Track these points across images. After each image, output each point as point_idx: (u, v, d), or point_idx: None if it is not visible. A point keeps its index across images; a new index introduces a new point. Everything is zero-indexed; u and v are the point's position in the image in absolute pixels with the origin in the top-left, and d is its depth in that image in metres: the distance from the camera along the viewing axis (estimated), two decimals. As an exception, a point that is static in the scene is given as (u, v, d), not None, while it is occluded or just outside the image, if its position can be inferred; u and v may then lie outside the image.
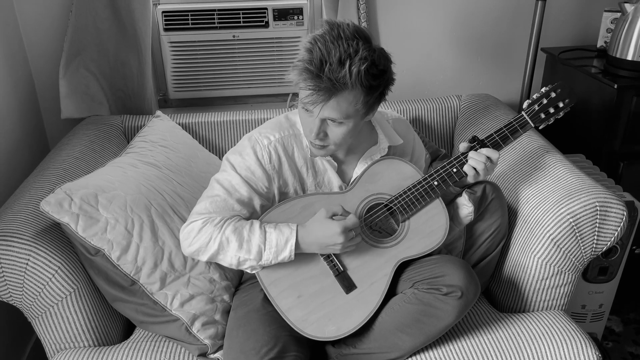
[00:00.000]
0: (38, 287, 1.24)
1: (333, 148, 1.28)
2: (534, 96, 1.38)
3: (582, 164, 1.87)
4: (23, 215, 1.28)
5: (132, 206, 1.33)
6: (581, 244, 1.34)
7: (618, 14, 1.97)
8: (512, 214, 1.47)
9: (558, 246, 1.34)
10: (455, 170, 1.33)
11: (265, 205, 1.33)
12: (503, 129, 1.36)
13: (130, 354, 1.29)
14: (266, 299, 1.31)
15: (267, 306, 1.29)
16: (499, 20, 2.15)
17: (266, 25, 2.00)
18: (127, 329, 1.45)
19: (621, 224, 1.33)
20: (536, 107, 1.36)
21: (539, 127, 1.38)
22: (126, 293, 1.31)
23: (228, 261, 1.26)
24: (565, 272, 1.38)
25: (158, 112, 1.83)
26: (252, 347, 1.18)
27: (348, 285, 1.28)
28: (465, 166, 1.32)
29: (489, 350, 1.27)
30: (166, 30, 1.97)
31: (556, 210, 1.34)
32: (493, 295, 1.53)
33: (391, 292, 1.29)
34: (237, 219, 1.27)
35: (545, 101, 1.36)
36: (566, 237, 1.33)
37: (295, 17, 2.00)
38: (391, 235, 1.33)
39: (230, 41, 2.02)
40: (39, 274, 1.23)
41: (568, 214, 1.32)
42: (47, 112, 2.03)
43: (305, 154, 1.35)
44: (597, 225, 1.33)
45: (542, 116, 1.36)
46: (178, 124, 1.84)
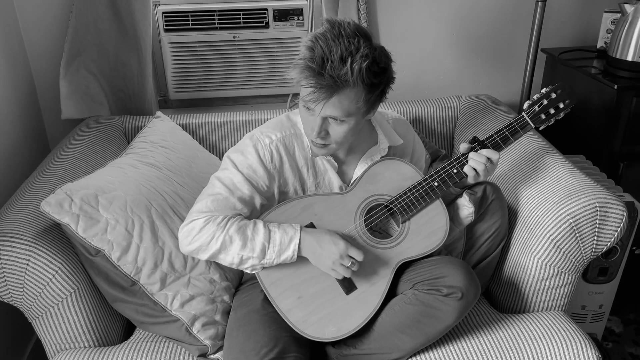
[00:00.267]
0: (38, 288, 1.24)
1: (334, 147, 1.28)
2: (534, 97, 1.38)
3: (582, 165, 1.87)
4: (23, 215, 1.28)
5: (133, 207, 1.33)
6: (581, 245, 1.34)
7: (618, 15, 1.97)
8: (512, 215, 1.47)
9: (558, 247, 1.34)
10: (455, 171, 1.33)
11: (265, 204, 1.33)
12: (503, 130, 1.36)
13: (130, 355, 1.29)
14: (266, 300, 1.31)
15: (268, 307, 1.29)
16: (499, 20, 2.15)
17: (266, 25, 2.00)
18: (128, 330, 1.45)
19: (621, 225, 1.33)
20: (536, 108, 1.36)
21: (540, 128, 1.38)
22: (126, 293, 1.31)
23: (229, 260, 1.26)
24: (565, 273, 1.38)
25: (158, 113, 1.83)
26: (252, 348, 1.18)
27: (348, 286, 1.28)
28: (465, 167, 1.32)
29: (489, 350, 1.27)
30: (166, 30, 1.97)
31: (556, 210, 1.34)
32: (493, 295, 1.53)
33: (391, 293, 1.29)
34: (240, 218, 1.27)
35: (545, 102, 1.36)
36: (566, 238, 1.33)
37: (295, 18, 2.00)
38: (391, 236, 1.33)
39: (230, 42, 2.02)
40: (40, 275, 1.23)
41: (568, 215, 1.32)
42: (47, 113, 2.02)
43: (306, 154, 1.35)
44: (597, 225, 1.33)
45: (543, 117, 1.36)
46: (178, 125, 1.83)
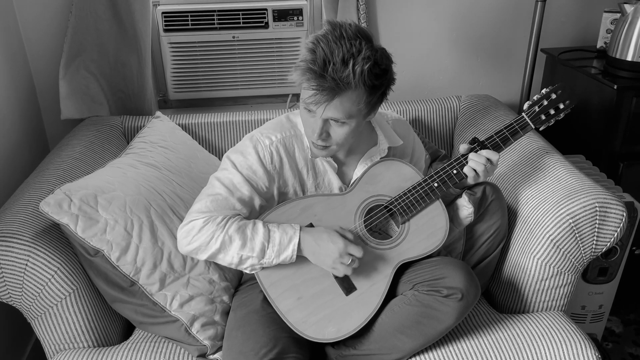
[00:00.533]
0: (37, 288, 1.24)
1: (335, 148, 1.28)
2: (535, 97, 1.37)
3: (582, 165, 1.87)
4: (22, 216, 1.28)
5: (132, 207, 1.33)
6: (581, 245, 1.34)
7: (618, 15, 1.97)
8: (512, 215, 1.47)
9: (557, 247, 1.34)
10: (455, 172, 1.33)
11: (264, 205, 1.33)
12: (503, 131, 1.35)
13: (129, 355, 1.29)
14: (266, 300, 1.30)
15: (267, 307, 1.29)
16: (499, 20, 2.15)
17: (266, 26, 2.00)
18: (127, 330, 1.45)
19: (621, 225, 1.33)
20: (537, 109, 1.36)
21: (540, 129, 1.38)
22: (125, 294, 1.31)
23: (228, 260, 1.26)
24: (564, 273, 1.38)
25: (158, 113, 1.83)
26: (251, 348, 1.18)
27: (348, 287, 1.27)
28: (465, 167, 1.32)
29: (489, 351, 1.27)
30: (166, 31, 1.97)
31: (556, 211, 1.34)
32: (493, 296, 1.52)
33: (391, 294, 1.29)
34: (239, 218, 1.27)
35: (545, 102, 1.36)
36: (566, 238, 1.33)
37: (295, 18, 2.00)
38: (391, 237, 1.33)
39: (230, 42, 2.01)
40: (39, 275, 1.23)
41: (567, 215, 1.32)
42: (47, 113, 2.02)
43: (305, 155, 1.35)
44: (597, 226, 1.33)
45: (543, 117, 1.36)
46: (178, 125, 1.83)
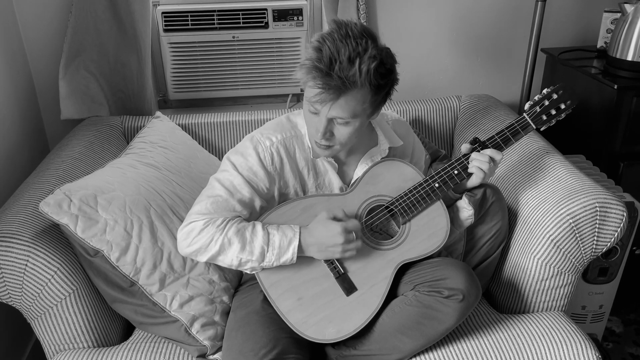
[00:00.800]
0: (37, 288, 1.24)
1: (338, 148, 1.27)
2: (536, 97, 1.37)
3: (582, 165, 1.87)
4: (22, 216, 1.28)
5: (132, 207, 1.33)
6: (581, 245, 1.34)
7: (618, 15, 1.97)
8: (512, 215, 1.46)
9: (558, 247, 1.34)
10: (456, 172, 1.32)
11: (264, 206, 1.33)
12: (504, 131, 1.35)
13: (129, 355, 1.28)
14: (266, 301, 1.30)
15: (267, 308, 1.29)
16: (499, 20, 2.15)
17: (266, 26, 2.00)
18: (127, 330, 1.45)
19: (621, 225, 1.33)
20: (538, 109, 1.36)
21: (541, 129, 1.38)
22: (125, 294, 1.31)
23: (228, 262, 1.25)
24: (565, 273, 1.38)
25: (158, 113, 1.83)
26: (251, 349, 1.18)
27: (348, 287, 1.27)
28: (471, 168, 1.31)
29: (489, 351, 1.27)
30: (166, 31, 1.97)
31: (556, 211, 1.34)
32: (493, 296, 1.52)
33: (392, 295, 1.29)
34: (239, 221, 1.26)
35: (547, 103, 1.36)
36: (566, 238, 1.33)
37: (294, 18, 2.00)
38: (392, 237, 1.33)
39: (230, 42, 2.01)
40: (38, 275, 1.23)
41: (568, 215, 1.32)
42: (47, 113, 2.02)
43: (306, 155, 1.34)
44: (597, 226, 1.32)
45: (544, 118, 1.36)
46: (178, 125, 1.83)
